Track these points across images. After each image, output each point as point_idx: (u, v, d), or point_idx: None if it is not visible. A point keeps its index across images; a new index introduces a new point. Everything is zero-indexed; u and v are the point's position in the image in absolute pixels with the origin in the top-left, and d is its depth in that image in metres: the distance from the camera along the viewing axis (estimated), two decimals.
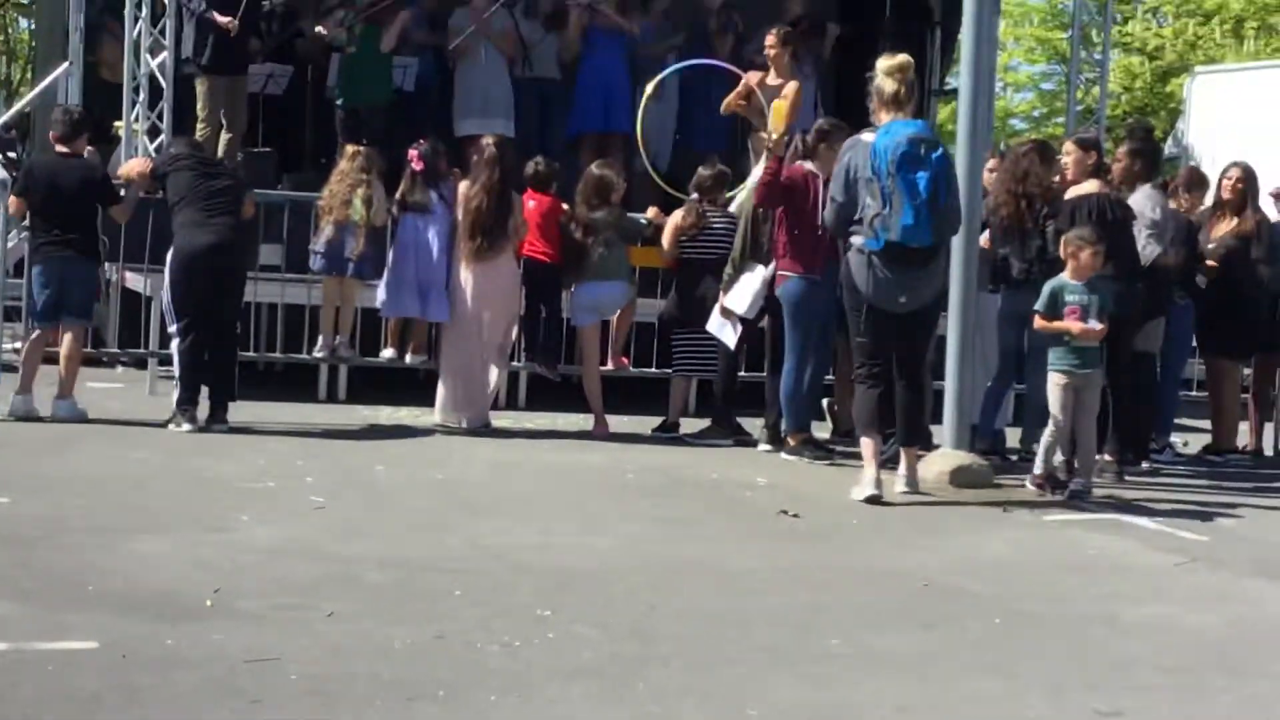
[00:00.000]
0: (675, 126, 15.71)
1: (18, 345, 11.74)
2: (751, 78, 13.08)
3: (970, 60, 10.32)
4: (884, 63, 9.42)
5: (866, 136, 9.43)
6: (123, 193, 11.52)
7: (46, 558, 6.88)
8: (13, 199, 11.18)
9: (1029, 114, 36.13)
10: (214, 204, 10.88)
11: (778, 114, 10.91)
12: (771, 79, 13.11)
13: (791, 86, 12.90)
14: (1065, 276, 9.78)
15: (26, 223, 11.50)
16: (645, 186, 13.52)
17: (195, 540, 7.37)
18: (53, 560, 6.84)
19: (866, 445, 9.43)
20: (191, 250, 10.75)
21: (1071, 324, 9.64)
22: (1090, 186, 10.49)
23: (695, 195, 11.85)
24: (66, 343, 10.96)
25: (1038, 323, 9.81)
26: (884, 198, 9.09)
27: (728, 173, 12.05)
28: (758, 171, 11.83)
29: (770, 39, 13.25)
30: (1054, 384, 9.74)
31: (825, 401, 11.71)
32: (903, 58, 9.50)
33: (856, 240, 9.37)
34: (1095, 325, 9.63)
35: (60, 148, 11.13)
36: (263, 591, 6.44)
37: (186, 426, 10.64)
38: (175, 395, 10.80)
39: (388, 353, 12.52)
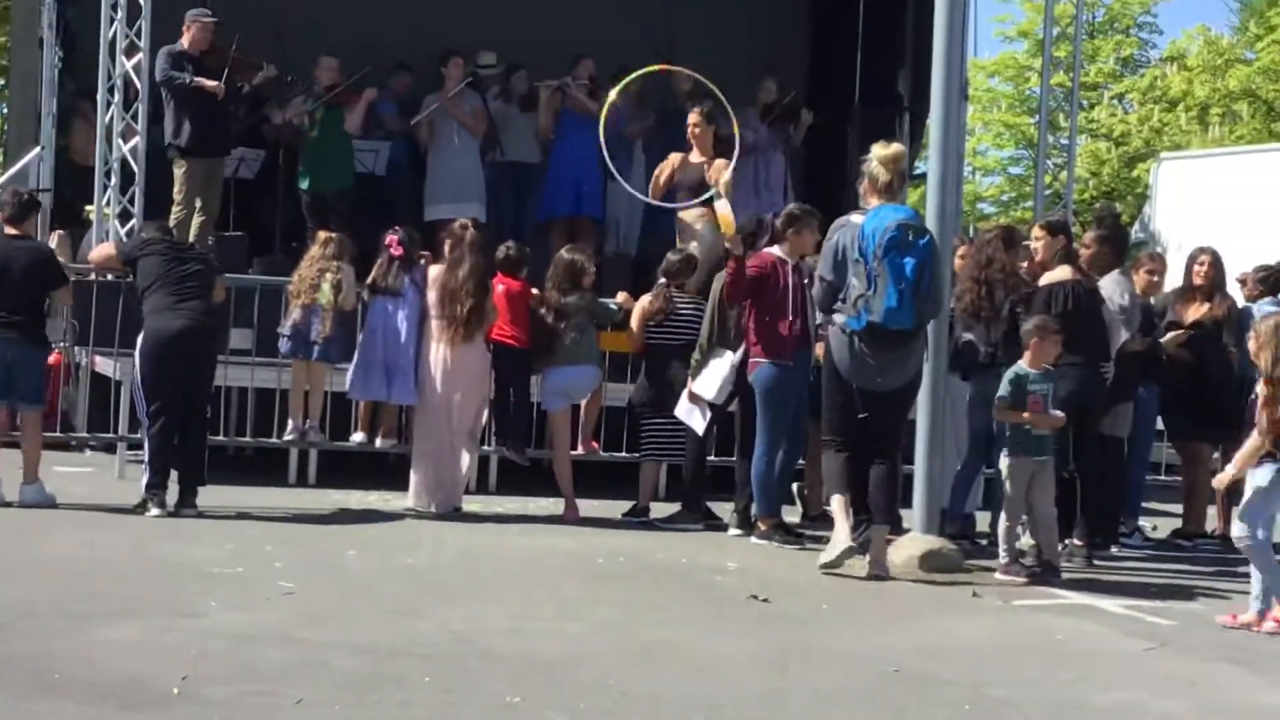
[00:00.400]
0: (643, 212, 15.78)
1: None
2: (673, 158, 13.03)
3: (939, 145, 10.40)
4: (880, 151, 9.57)
5: (855, 218, 9.51)
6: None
7: (12, 645, 6.82)
8: None
9: (997, 198, 36.33)
10: (185, 288, 10.86)
11: (724, 221, 10.89)
12: (694, 157, 12.97)
13: (719, 164, 12.66)
14: (1024, 365, 9.85)
15: None
16: (614, 270, 13.49)
17: (163, 626, 7.33)
18: (19, 647, 6.78)
19: (837, 501, 9.46)
20: (162, 335, 10.73)
21: (1032, 416, 9.69)
22: (1063, 273, 10.54)
23: (663, 280, 11.89)
24: (25, 429, 10.92)
25: (998, 412, 9.88)
26: (869, 279, 9.18)
27: (696, 258, 12.10)
28: (691, 248, 12.02)
29: (694, 117, 13.06)
30: (1008, 469, 9.79)
31: (795, 486, 11.71)
32: (897, 148, 9.68)
33: (838, 319, 9.45)
34: (1058, 415, 9.71)
35: (9, 229, 11.07)
36: (231, 678, 6.40)
37: (155, 511, 10.58)
38: (144, 479, 10.76)
39: (358, 436, 12.50)
